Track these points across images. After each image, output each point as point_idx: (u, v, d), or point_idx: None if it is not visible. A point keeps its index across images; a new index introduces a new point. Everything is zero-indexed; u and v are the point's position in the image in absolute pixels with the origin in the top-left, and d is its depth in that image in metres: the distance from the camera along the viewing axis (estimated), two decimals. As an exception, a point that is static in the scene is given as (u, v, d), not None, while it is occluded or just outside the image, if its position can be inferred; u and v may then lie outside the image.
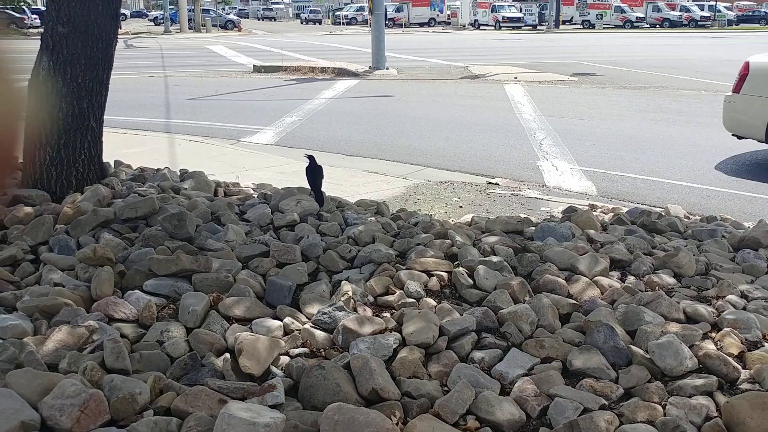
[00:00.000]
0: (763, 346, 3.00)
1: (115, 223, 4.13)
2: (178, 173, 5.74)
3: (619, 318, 3.16)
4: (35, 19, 41.39)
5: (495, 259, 3.77)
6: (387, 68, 19.40)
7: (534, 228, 4.47)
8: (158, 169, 5.77)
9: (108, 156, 5.34)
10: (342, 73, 18.72)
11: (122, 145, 8.49)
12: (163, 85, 16.10)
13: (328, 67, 19.30)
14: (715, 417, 2.47)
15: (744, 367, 2.82)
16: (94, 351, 2.69)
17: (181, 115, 11.67)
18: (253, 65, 20.50)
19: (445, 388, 2.66)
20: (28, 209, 4.26)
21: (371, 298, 3.39)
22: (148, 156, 7.70)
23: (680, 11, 55.91)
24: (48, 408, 2.22)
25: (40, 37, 4.76)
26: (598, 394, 2.59)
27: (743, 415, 2.39)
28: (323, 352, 2.89)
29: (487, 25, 54.32)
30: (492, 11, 54.23)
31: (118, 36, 5.08)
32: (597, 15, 54.68)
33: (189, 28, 45.16)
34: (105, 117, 5.07)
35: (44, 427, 2.20)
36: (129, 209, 4.17)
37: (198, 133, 9.99)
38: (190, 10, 47.02)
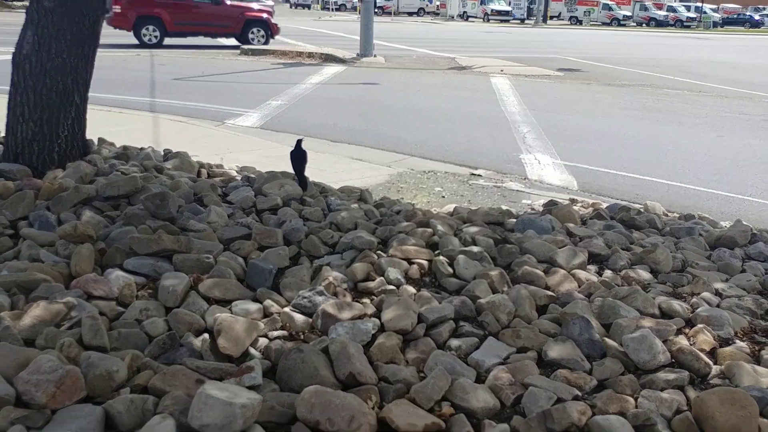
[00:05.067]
0: (735, 343, 3.06)
1: (97, 200, 4.10)
2: (162, 153, 5.71)
3: (595, 311, 3.20)
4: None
5: (475, 249, 3.80)
6: (374, 56, 19.36)
7: (515, 220, 4.50)
8: (142, 148, 5.73)
9: (91, 133, 5.30)
10: (329, 59, 18.64)
11: (106, 123, 8.41)
12: (149, 64, 15.94)
13: (316, 53, 19.20)
14: (686, 411, 2.52)
15: (715, 363, 2.88)
16: (71, 327, 2.68)
17: (167, 95, 11.57)
18: (241, 48, 20.33)
19: (422, 375, 2.69)
20: (9, 184, 4.21)
21: (351, 284, 3.41)
22: (131, 135, 7.63)
23: (667, 11, 56.30)
24: (23, 383, 2.21)
25: (25, 11, 4.70)
26: (572, 385, 2.62)
27: (712, 409, 2.44)
28: (302, 336, 2.91)
29: (475, 17, 54.32)
30: (481, 3, 54.24)
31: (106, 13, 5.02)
32: (585, 12, 54.92)
33: (176, 8, 44.60)
34: (89, 94, 5.03)
35: (19, 402, 2.19)
36: (111, 187, 4.14)
37: (183, 114, 9.92)
38: (178, -10, 46.36)
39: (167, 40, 20.78)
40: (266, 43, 21.69)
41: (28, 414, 2.14)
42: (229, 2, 21.39)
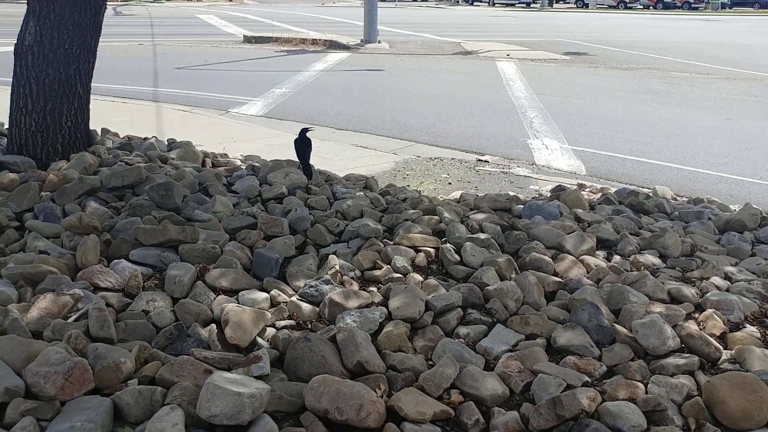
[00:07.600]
0: (745, 327, 3.03)
1: (102, 191, 4.09)
2: (166, 143, 5.70)
3: (604, 297, 3.18)
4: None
5: (482, 236, 3.78)
6: (379, 42, 19.27)
7: (522, 206, 4.48)
8: (145, 138, 5.72)
9: (95, 124, 5.29)
10: (333, 45, 18.57)
11: (109, 113, 8.40)
12: (151, 54, 15.91)
13: (319, 40, 19.12)
14: (696, 396, 2.50)
15: (725, 348, 2.86)
16: (78, 319, 2.68)
17: (170, 85, 11.55)
18: (244, 36, 20.27)
19: (430, 363, 2.68)
20: (13, 176, 4.21)
21: (358, 273, 3.40)
22: (135, 125, 7.63)
23: (674, -8, 55.69)
24: (32, 375, 2.21)
25: (26, 2, 4.68)
26: (582, 372, 2.61)
27: (723, 394, 2.42)
28: (309, 325, 2.90)
29: (481, 1, 53.98)
30: (486, -13, 53.85)
31: (107, 2, 5.00)
32: (591, -6, 54.42)
33: (179, -3, 44.54)
34: (92, 84, 5.01)
35: (28, 394, 2.20)
36: (116, 178, 4.13)
37: (186, 103, 9.90)
38: (181, -22, 46.21)
39: None
40: None
41: (38, 405, 2.15)
42: None
